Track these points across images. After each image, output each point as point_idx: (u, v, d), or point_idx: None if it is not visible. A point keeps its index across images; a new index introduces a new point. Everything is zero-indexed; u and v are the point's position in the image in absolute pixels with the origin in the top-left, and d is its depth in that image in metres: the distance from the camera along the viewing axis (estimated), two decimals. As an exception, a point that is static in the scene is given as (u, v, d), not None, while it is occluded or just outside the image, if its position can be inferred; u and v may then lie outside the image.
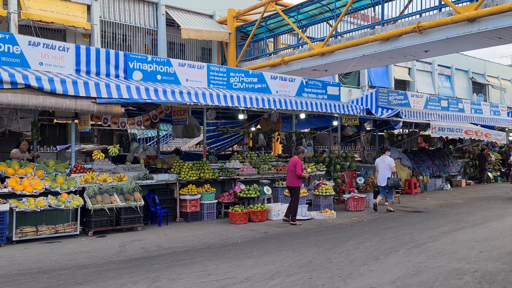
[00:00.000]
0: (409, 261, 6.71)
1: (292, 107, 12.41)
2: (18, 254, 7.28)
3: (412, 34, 14.01)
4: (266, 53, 19.79)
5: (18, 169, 8.96)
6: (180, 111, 11.91)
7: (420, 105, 17.94)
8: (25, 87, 8.33)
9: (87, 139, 15.42)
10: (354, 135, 18.20)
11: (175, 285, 5.58)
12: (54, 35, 16.57)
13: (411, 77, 30.34)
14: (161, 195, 10.43)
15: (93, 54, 9.91)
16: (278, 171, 12.62)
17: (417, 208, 12.91)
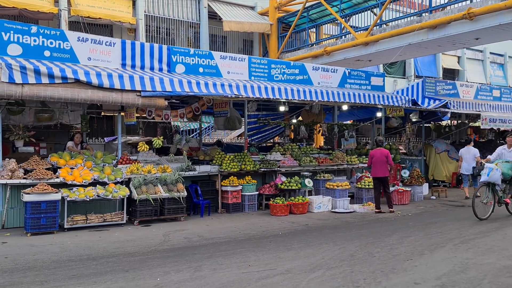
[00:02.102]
0: (456, 257, 6.49)
1: (334, 98, 12.24)
2: (69, 241, 7.64)
3: (461, 21, 13.39)
4: (308, 44, 19.56)
5: (69, 160, 9.38)
6: (222, 103, 12.03)
7: (470, 95, 17.18)
8: (75, 81, 8.68)
9: (132, 131, 15.90)
10: (399, 127, 17.69)
11: (216, 275, 5.68)
12: (101, 30, 17.13)
13: (461, 66, 29.08)
14: (203, 186, 10.61)
15: (138, 49, 10.17)
16: (319, 163, 12.50)
17: (465, 202, 12.44)
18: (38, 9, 15.20)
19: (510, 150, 10.16)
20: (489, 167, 9.39)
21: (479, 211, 9.39)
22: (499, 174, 9.43)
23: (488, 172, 9.35)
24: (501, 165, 9.62)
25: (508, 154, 10.07)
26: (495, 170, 9.35)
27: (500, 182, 9.56)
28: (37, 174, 8.59)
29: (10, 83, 8.06)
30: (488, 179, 9.40)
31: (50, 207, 8.15)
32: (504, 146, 10.35)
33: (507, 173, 9.67)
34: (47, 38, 9.10)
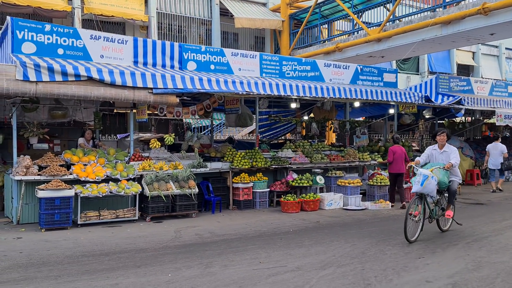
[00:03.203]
0: (469, 256, 6.42)
1: (346, 95, 12.17)
2: (82, 236, 7.74)
3: (476, 16, 13.20)
4: (320, 40, 19.47)
5: (82, 157, 9.49)
6: (233, 100, 12.04)
7: (485, 92, 16.94)
8: (88, 79, 8.77)
9: (144, 128, 16.02)
10: (412, 124, 17.54)
11: (227, 271, 5.70)
12: (114, 28, 17.27)
13: (476, 62, 28.67)
14: (215, 183, 10.64)
15: (150, 46, 10.22)
16: (331, 160, 12.45)
17: (479, 200, 12.29)
18: (52, 7, 15.38)
19: (441, 151, 7.93)
20: (424, 174, 7.21)
21: (411, 230, 7.21)
22: (435, 183, 7.27)
23: (422, 180, 7.16)
24: (437, 171, 7.42)
25: (440, 156, 7.91)
26: (430, 179, 7.18)
27: (434, 194, 7.43)
28: (51, 170, 8.71)
29: (24, 81, 8.18)
30: (421, 190, 7.19)
31: (63, 203, 8.26)
32: (434, 146, 8.11)
33: (443, 182, 7.51)
34: (60, 36, 9.20)
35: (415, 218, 7.18)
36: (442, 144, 7.96)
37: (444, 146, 7.95)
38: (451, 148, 7.89)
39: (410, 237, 7.12)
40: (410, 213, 7.15)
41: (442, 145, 7.96)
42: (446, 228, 8.07)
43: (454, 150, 7.83)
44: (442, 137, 7.95)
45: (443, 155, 7.89)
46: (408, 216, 7.09)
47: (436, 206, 7.71)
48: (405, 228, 7.03)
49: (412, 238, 7.18)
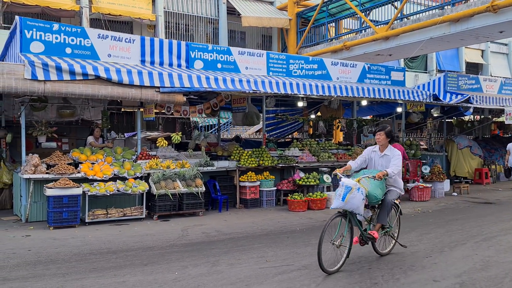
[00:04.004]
0: (477, 255, 6.37)
1: (353, 93, 12.13)
2: (90, 234, 7.79)
3: (485, 14, 13.08)
4: (327, 39, 19.40)
5: (90, 156, 9.54)
6: (240, 99, 12.05)
7: (494, 90, 16.78)
8: (95, 78, 8.82)
9: (152, 127, 16.07)
10: (420, 122, 17.43)
11: (234, 270, 5.71)
12: (122, 27, 17.34)
13: (485, 60, 28.42)
14: (222, 182, 10.66)
15: (157, 45, 10.25)
16: (338, 159, 12.42)
17: (488, 199, 12.19)
18: (60, 6, 15.48)
19: (382, 154, 6.27)
20: (347, 185, 5.58)
21: (329, 258, 5.53)
22: (361, 197, 5.60)
23: (345, 193, 5.56)
24: (366, 182, 5.80)
25: (379, 161, 6.28)
26: (355, 191, 5.56)
27: (361, 211, 5.68)
28: (59, 169, 8.77)
29: (32, 80, 8.25)
30: (343, 205, 5.58)
31: (71, 201, 8.32)
32: (374, 147, 6.46)
33: (373, 195, 5.83)
34: (68, 36, 9.26)
35: (335, 243, 5.51)
36: (382, 145, 6.28)
37: (385, 148, 6.26)
38: (393, 152, 6.18)
39: (327, 267, 5.42)
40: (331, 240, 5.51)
41: (383, 146, 6.28)
42: (385, 252, 6.35)
43: (397, 154, 6.14)
44: (379, 136, 6.24)
45: (384, 159, 6.23)
46: (324, 238, 5.35)
47: (370, 225, 6.12)
48: (319, 255, 5.31)
49: (331, 268, 5.49)
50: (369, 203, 5.96)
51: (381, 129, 6.32)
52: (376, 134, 6.33)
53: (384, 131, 6.26)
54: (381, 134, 6.27)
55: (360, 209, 5.67)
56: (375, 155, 6.35)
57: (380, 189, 5.93)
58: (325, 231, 5.39)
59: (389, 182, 6.19)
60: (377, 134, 6.30)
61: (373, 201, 5.93)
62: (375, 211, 6.15)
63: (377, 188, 5.88)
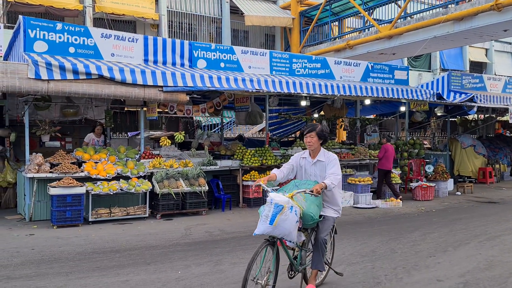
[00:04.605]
0: (481, 254, 6.35)
1: (356, 93, 12.10)
2: (93, 233, 7.81)
3: (489, 13, 13.00)
4: (331, 38, 19.35)
5: (93, 155, 9.57)
6: (243, 98, 12.04)
7: (498, 89, 16.71)
8: (98, 77, 8.82)
9: (155, 126, 16.10)
10: (424, 121, 17.38)
11: (236, 269, 5.71)
12: (125, 26, 17.36)
13: (489, 59, 28.28)
14: (225, 181, 10.66)
15: (160, 44, 10.25)
16: (341, 158, 12.39)
17: (491, 198, 12.15)
18: (63, 6, 15.51)
19: (314, 161, 4.90)
20: (277, 202, 4.26)
21: None
22: (295, 219, 4.27)
23: (274, 214, 4.23)
24: (301, 198, 4.47)
25: (311, 170, 4.90)
26: (287, 211, 4.25)
27: (293, 237, 4.33)
28: (63, 168, 8.79)
29: (36, 79, 8.26)
30: (272, 230, 4.25)
31: (75, 200, 8.33)
32: (303, 153, 5.04)
33: (310, 215, 4.46)
34: (71, 35, 9.27)
35: (259, 282, 4.22)
36: (313, 150, 4.87)
37: (317, 153, 4.86)
38: (329, 157, 4.82)
39: None
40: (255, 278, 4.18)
41: (314, 151, 4.88)
42: (317, 282, 5.02)
43: (333, 159, 4.79)
44: (310, 139, 4.80)
45: (317, 167, 4.86)
46: (249, 277, 4.12)
47: (302, 251, 4.75)
48: None
49: None
50: (305, 225, 4.54)
51: (311, 129, 4.82)
52: (305, 136, 4.84)
53: (315, 131, 4.79)
54: (312, 136, 4.80)
55: (293, 234, 4.29)
56: (305, 162, 4.93)
57: (317, 206, 4.57)
58: (253, 264, 4.14)
59: (325, 198, 4.79)
60: (307, 137, 4.82)
61: (309, 223, 4.49)
62: (308, 234, 4.78)
63: (314, 206, 4.50)
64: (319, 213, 4.65)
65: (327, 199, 4.83)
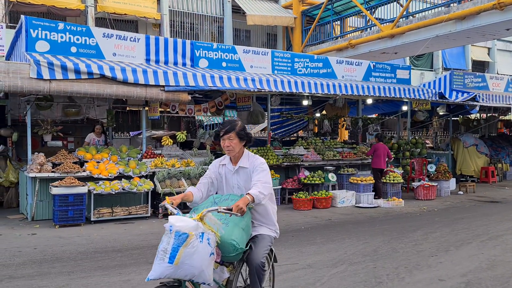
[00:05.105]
0: (483, 254, 6.33)
1: (358, 92, 12.08)
2: (95, 233, 7.82)
3: (492, 12, 12.97)
4: (333, 37, 19.34)
5: (95, 154, 9.58)
6: (245, 97, 12.05)
7: (500, 88, 16.66)
8: (100, 77, 8.83)
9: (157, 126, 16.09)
10: (426, 121, 17.36)
11: (238, 268, 5.70)
12: (127, 26, 17.37)
13: (491, 58, 28.21)
14: (227, 180, 10.64)
15: (162, 44, 10.26)
16: (343, 157, 12.38)
17: (494, 198, 12.12)
18: (65, 6, 15.53)
19: (236, 167, 3.76)
20: (179, 230, 3.02)
21: None
22: (208, 251, 3.08)
23: (175, 247, 3.01)
24: (215, 220, 3.29)
25: (234, 179, 3.78)
26: (194, 241, 3.02)
27: (209, 277, 3.10)
28: (65, 167, 8.81)
29: (38, 79, 8.27)
30: (173, 272, 3.02)
31: (77, 200, 8.35)
32: (222, 159, 3.96)
33: (232, 243, 3.29)
34: (73, 35, 9.28)
35: None
36: (235, 155, 3.72)
37: (240, 158, 3.73)
38: (254, 161, 3.69)
39: None
40: None
41: (236, 157, 3.73)
42: None
43: (260, 163, 3.66)
44: (228, 142, 3.64)
45: (240, 176, 3.73)
46: None
47: None
48: None
49: None
50: (224, 258, 3.38)
51: (228, 128, 3.62)
52: (222, 139, 3.66)
53: (235, 131, 3.62)
54: (231, 138, 3.62)
55: (206, 274, 3.06)
56: (225, 170, 3.79)
57: (243, 230, 3.38)
58: None
59: (256, 216, 3.68)
60: (224, 139, 3.65)
61: (231, 254, 3.30)
62: (234, 269, 3.53)
63: (238, 230, 3.33)
64: (247, 238, 3.45)
65: (258, 217, 3.68)
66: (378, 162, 11.75)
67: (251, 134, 3.79)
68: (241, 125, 3.70)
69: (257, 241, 3.59)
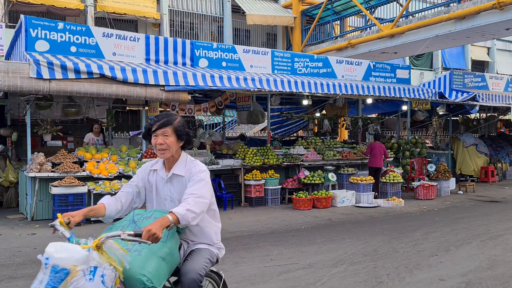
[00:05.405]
0: (483, 254, 6.33)
1: (358, 91, 12.08)
2: (95, 233, 7.80)
3: (491, 11, 12.97)
4: (332, 37, 19.33)
5: (95, 154, 9.57)
6: (245, 97, 12.04)
7: (500, 88, 16.67)
8: (100, 76, 8.82)
9: (157, 126, 16.04)
10: (425, 120, 17.36)
11: (238, 268, 5.70)
12: (126, 26, 17.35)
13: (491, 58, 28.21)
14: (226, 180, 10.65)
15: (162, 44, 10.25)
16: (343, 157, 12.39)
17: (494, 197, 12.12)
18: (65, 5, 15.51)
19: (169, 174, 2.98)
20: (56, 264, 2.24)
21: None
22: None
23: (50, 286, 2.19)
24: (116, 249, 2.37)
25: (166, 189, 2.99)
26: (78, 278, 2.19)
27: None
28: (65, 167, 8.80)
29: (38, 79, 8.26)
30: None
31: (77, 199, 8.34)
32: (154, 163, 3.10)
33: (139, 279, 2.45)
34: (73, 34, 9.27)
35: None
36: (168, 158, 2.97)
37: (175, 162, 3.00)
38: (192, 168, 2.95)
39: None
40: None
41: (170, 160, 3.00)
42: None
43: (198, 171, 2.91)
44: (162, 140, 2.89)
45: (174, 186, 3.00)
46: None
47: None
48: None
49: None
50: None
51: (164, 121, 2.88)
52: (154, 134, 2.90)
53: (172, 126, 2.88)
54: (167, 134, 2.87)
55: None
56: (156, 177, 3.03)
57: (163, 259, 2.63)
58: None
59: (190, 236, 2.98)
60: (157, 135, 2.89)
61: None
62: None
63: (154, 261, 2.57)
64: (169, 272, 2.70)
65: (193, 237, 2.96)
66: (373, 161, 11.81)
67: (192, 134, 2.99)
68: (181, 120, 2.95)
69: (193, 254, 2.89)
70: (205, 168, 2.94)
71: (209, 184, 2.90)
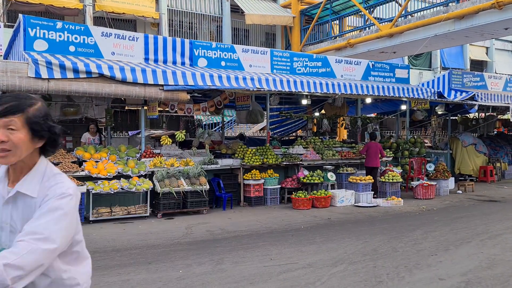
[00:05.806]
0: (482, 253, 6.33)
1: (357, 91, 12.08)
2: (94, 233, 7.80)
3: (490, 11, 12.97)
4: (331, 36, 19.33)
5: (94, 154, 9.55)
6: (244, 97, 12.03)
7: (499, 87, 16.68)
8: (99, 76, 8.80)
9: (155, 125, 16.08)
10: (424, 120, 17.36)
11: (238, 268, 5.70)
12: (125, 25, 17.33)
13: (489, 57, 28.24)
14: (226, 180, 10.64)
15: (161, 43, 10.23)
16: (342, 157, 12.38)
17: (493, 197, 12.13)
18: (64, 5, 15.49)
19: (13, 191, 1.79)
20: None
21: None
22: None
23: None
24: None
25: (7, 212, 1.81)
26: None
27: None
28: (63, 167, 8.78)
29: (36, 78, 8.24)
30: None
31: (76, 199, 8.30)
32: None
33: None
34: (72, 34, 9.25)
35: None
36: (13, 161, 1.77)
37: (25, 173, 1.84)
38: (53, 187, 1.79)
39: None
40: None
41: (16, 167, 1.83)
42: None
43: (59, 194, 1.77)
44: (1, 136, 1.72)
45: (19, 209, 1.81)
46: None
47: None
48: None
49: None
50: None
51: (10, 107, 1.76)
52: None
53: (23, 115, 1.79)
54: (12, 125, 1.76)
55: None
56: None
57: None
58: None
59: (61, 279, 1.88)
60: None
61: None
62: None
63: None
64: None
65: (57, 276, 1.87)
66: (369, 160, 11.87)
67: (57, 130, 1.93)
68: (42, 107, 1.87)
69: None
70: (71, 191, 1.83)
71: (71, 216, 1.80)
